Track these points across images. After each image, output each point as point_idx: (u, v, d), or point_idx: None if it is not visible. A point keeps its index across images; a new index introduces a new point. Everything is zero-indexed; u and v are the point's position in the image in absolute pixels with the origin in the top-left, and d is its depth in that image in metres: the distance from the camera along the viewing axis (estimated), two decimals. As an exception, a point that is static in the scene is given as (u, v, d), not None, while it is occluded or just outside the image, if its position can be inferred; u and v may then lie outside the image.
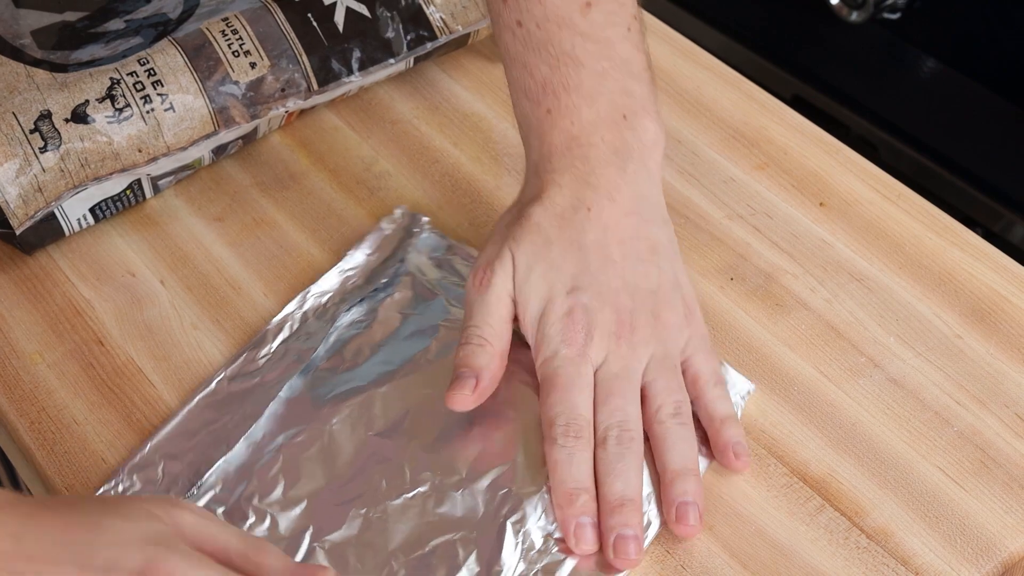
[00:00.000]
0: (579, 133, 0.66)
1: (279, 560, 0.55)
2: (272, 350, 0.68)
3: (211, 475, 0.62)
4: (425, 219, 0.75)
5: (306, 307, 0.70)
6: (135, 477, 0.63)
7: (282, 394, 0.65)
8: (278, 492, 0.61)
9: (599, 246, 0.65)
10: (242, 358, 0.68)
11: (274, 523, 0.61)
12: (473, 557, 0.59)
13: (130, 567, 0.51)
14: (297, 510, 0.61)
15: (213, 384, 0.67)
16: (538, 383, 0.64)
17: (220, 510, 0.61)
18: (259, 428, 0.64)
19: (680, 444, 0.63)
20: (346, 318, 0.69)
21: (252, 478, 0.62)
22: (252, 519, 0.61)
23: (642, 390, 0.64)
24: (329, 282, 0.71)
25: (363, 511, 0.61)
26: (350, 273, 0.72)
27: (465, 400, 0.63)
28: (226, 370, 0.67)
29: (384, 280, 0.71)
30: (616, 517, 0.60)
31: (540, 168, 0.67)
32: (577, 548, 0.59)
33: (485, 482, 0.62)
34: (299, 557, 0.59)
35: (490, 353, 0.64)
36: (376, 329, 0.69)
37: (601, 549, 0.60)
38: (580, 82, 0.66)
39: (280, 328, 0.69)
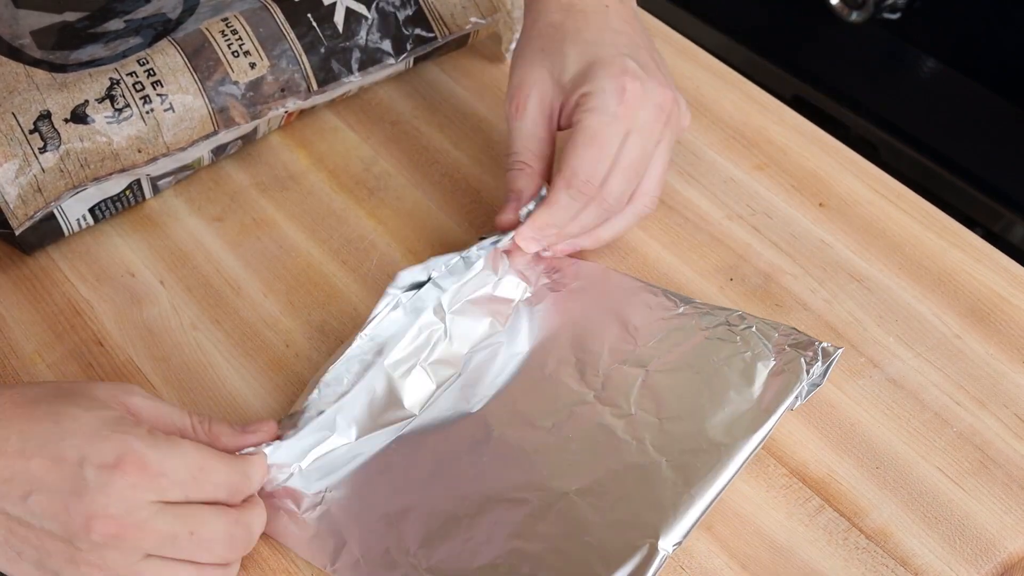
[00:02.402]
0: None
1: (229, 426, 0.60)
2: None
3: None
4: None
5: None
6: None
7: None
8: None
9: (628, 34, 0.71)
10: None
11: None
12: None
13: (101, 460, 0.53)
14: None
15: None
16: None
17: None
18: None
19: (620, 229, 0.73)
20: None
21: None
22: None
23: None
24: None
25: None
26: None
27: (511, 220, 0.71)
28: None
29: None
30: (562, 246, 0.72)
31: None
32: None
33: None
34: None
35: (529, 174, 0.70)
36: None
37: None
38: None
39: None
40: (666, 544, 0.59)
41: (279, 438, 0.61)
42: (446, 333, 0.67)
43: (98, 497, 0.53)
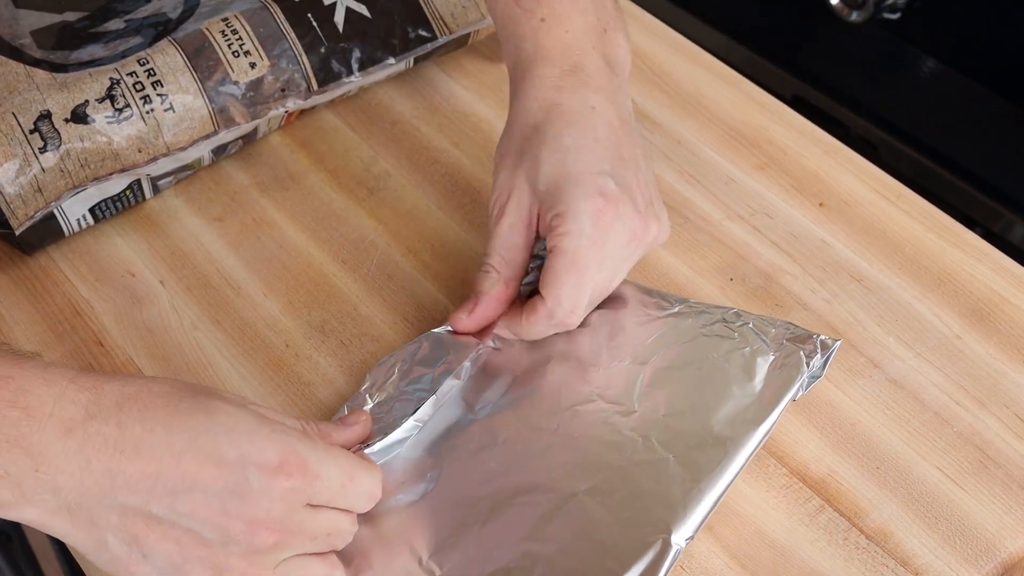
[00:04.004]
0: (572, 42, 0.68)
1: (332, 424, 0.60)
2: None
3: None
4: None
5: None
6: None
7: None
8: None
9: (612, 142, 0.66)
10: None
11: None
12: None
13: (263, 461, 0.52)
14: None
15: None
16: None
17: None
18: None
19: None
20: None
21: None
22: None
23: None
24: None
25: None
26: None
27: (460, 322, 0.68)
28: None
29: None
30: None
31: (535, 74, 0.68)
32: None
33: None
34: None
35: (493, 279, 0.67)
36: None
37: None
38: None
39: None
40: (679, 539, 0.59)
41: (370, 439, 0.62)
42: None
43: (262, 501, 0.52)
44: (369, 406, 0.65)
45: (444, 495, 0.61)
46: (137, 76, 0.74)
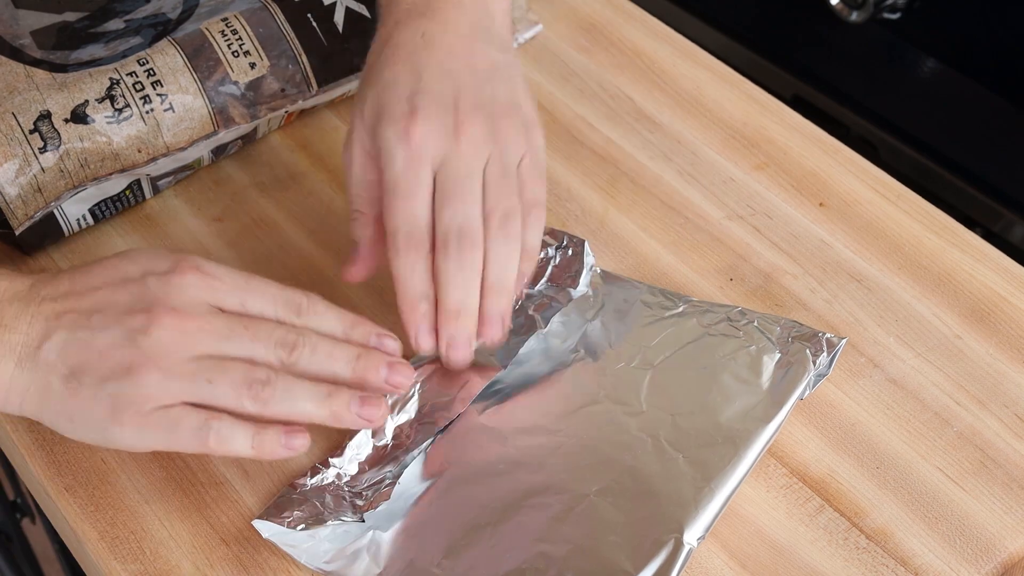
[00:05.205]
0: None
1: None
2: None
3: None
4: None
5: None
6: None
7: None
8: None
9: (435, 64, 0.65)
10: None
11: None
12: None
13: (161, 270, 0.59)
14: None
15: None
16: None
17: None
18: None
19: (500, 258, 0.64)
20: None
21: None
22: None
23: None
24: None
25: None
26: None
27: (348, 273, 0.68)
28: None
29: None
30: (451, 326, 0.63)
31: (383, 15, 0.69)
32: (419, 350, 0.64)
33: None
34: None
35: (363, 222, 0.67)
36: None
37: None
38: None
39: None
40: (691, 538, 0.59)
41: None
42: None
43: (159, 296, 0.58)
44: (391, 424, 0.64)
45: (454, 499, 0.61)
46: (137, 76, 0.74)
